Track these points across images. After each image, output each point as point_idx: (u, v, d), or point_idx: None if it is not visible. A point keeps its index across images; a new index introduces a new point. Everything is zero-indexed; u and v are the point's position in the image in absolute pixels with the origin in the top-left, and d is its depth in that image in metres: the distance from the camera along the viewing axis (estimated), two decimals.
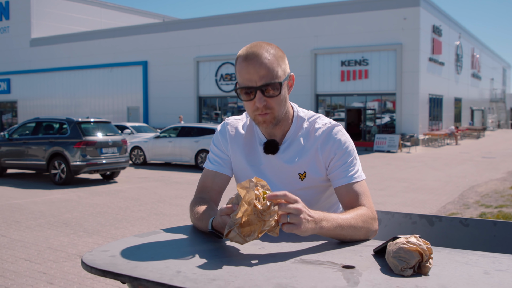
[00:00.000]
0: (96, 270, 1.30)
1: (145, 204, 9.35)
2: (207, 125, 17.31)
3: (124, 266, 1.30)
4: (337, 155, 1.80)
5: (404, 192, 10.86)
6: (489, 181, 12.52)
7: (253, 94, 1.71)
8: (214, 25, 31.29)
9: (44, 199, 9.92)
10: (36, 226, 7.32)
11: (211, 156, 1.98)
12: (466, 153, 22.24)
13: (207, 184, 1.93)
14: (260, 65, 1.68)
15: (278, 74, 1.71)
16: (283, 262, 1.35)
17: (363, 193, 1.76)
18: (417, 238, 1.32)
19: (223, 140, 1.96)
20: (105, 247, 1.49)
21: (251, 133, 1.93)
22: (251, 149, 1.91)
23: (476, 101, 45.66)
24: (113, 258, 1.38)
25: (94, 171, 12.35)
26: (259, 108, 1.72)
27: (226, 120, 2.01)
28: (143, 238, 1.61)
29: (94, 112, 35.61)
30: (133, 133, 20.79)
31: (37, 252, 5.91)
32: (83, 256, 1.40)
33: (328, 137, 1.82)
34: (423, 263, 1.28)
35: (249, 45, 1.75)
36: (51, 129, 12.97)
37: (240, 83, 1.73)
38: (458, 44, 34.89)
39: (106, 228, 7.27)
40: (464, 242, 2.05)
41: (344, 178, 1.78)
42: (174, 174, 14.63)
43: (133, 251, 1.45)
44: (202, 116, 32.42)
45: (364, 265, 1.34)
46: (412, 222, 2.18)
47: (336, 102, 28.44)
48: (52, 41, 38.88)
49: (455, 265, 1.34)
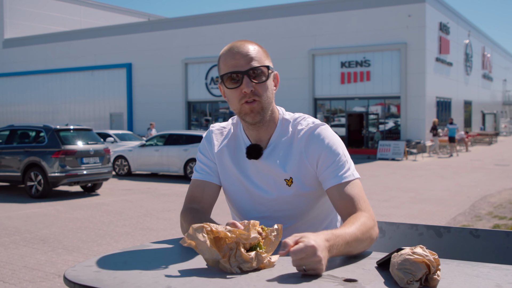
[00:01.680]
0: (80, 286, 1.31)
1: (130, 218, 9.34)
2: (197, 132, 17.33)
3: (110, 282, 1.31)
4: (322, 154, 1.81)
5: (410, 203, 10.90)
6: (503, 191, 12.58)
7: (240, 81, 1.77)
8: (204, 25, 31.37)
9: (19, 213, 9.88)
10: (10, 243, 7.30)
11: (198, 165, 2.01)
12: (478, 160, 22.34)
13: (197, 194, 1.95)
14: (247, 51, 1.79)
15: (265, 62, 1.81)
16: (281, 277, 1.36)
17: (358, 195, 1.76)
18: (423, 249, 1.34)
19: (209, 147, 2.00)
20: (89, 262, 1.50)
21: (237, 138, 1.97)
22: (237, 154, 1.94)
23: (487, 104, 45.91)
24: (98, 273, 1.39)
25: (74, 183, 12.33)
26: (246, 94, 1.76)
27: (211, 127, 2.06)
28: (129, 252, 1.63)
29: (73, 119, 35.54)
30: (116, 141, 20.77)
31: (12, 271, 5.89)
32: (66, 272, 1.41)
33: (311, 137, 1.84)
34: (431, 276, 1.30)
35: (231, 42, 1.85)
36: (27, 138, 12.95)
37: (225, 71, 1.79)
38: (467, 43, 35.13)
39: (87, 244, 7.26)
40: (474, 255, 2.07)
41: (333, 178, 1.78)
42: (161, 185, 14.62)
43: (119, 266, 1.46)
44: (192, 122, 32.44)
45: (367, 279, 1.36)
46: (419, 234, 2.20)
47: (336, 107, 28.53)
48: (27, 42, 38.86)
49: (465, 277, 1.36)
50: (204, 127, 31.60)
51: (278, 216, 1.90)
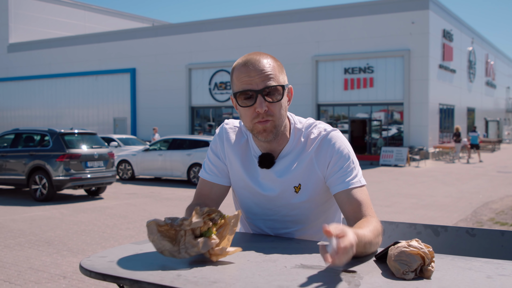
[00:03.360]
0: (96, 274, 1.40)
1: (134, 221, 9.42)
2: (200, 137, 17.41)
3: (124, 270, 1.41)
4: (333, 159, 1.83)
5: (412, 209, 10.96)
6: (505, 197, 12.62)
7: (253, 99, 1.74)
8: (208, 30, 31.49)
9: (24, 216, 9.96)
10: (16, 245, 7.38)
11: (207, 164, 2.01)
12: (480, 167, 22.36)
13: (204, 192, 1.99)
14: (262, 68, 1.75)
15: (280, 80, 1.78)
16: (284, 267, 1.45)
17: (365, 201, 1.79)
18: (418, 242, 1.43)
19: (221, 144, 1.99)
20: (103, 253, 1.59)
21: (248, 143, 1.97)
22: (247, 159, 1.95)
23: (490, 111, 45.90)
24: (111, 263, 1.48)
25: (78, 186, 12.38)
26: (259, 114, 1.74)
27: (225, 124, 2.04)
28: (140, 245, 1.71)
29: (77, 124, 35.65)
30: (120, 145, 20.87)
31: (17, 272, 5.96)
32: (81, 261, 1.50)
33: (323, 143, 1.85)
34: (425, 267, 1.39)
35: (246, 54, 1.82)
36: (32, 141, 13.03)
37: (238, 89, 1.77)
38: (470, 50, 35.17)
39: (92, 247, 7.34)
40: (470, 252, 2.14)
41: (342, 183, 1.80)
42: (165, 189, 14.69)
43: (131, 257, 1.56)
44: (195, 127, 32.51)
45: (365, 270, 1.44)
46: (417, 232, 2.28)
47: (339, 113, 28.58)
48: (32, 46, 39.03)
49: (458, 270, 1.45)
50: (207, 132, 31.67)
51: (286, 220, 1.94)
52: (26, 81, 39.11)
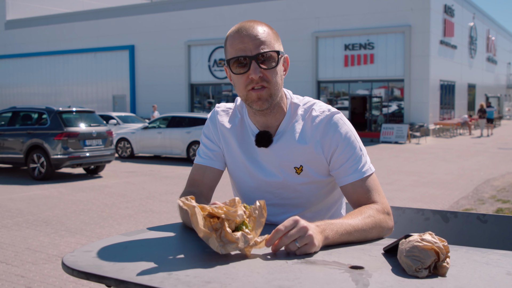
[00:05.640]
0: (78, 273, 1.28)
1: (133, 200, 9.34)
2: (200, 115, 17.28)
3: (110, 268, 1.28)
4: (339, 147, 1.75)
5: (413, 186, 10.88)
6: (506, 174, 12.55)
7: (247, 65, 1.67)
8: (207, 6, 31.16)
9: (22, 195, 9.89)
10: (13, 225, 7.30)
11: (202, 149, 1.95)
12: (481, 144, 22.28)
13: (197, 178, 1.91)
14: (256, 34, 1.68)
15: (275, 47, 1.71)
16: (285, 263, 1.33)
17: (374, 188, 1.72)
18: (432, 235, 1.30)
19: (214, 129, 1.93)
20: (88, 247, 1.47)
21: (243, 123, 1.89)
22: (244, 140, 1.87)
23: (491, 87, 45.70)
24: (97, 259, 1.36)
25: (76, 165, 12.32)
26: (253, 80, 1.67)
27: (216, 107, 1.97)
28: (129, 237, 1.59)
29: (76, 101, 35.47)
30: (119, 123, 20.74)
31: (14, 253, 5.89)
32: (64, 257, 1.38)
33: (328, 127, 1.76)
34: (440, 263, 1.26)
35: (240, 22, 1.75)
36: (29, 120, 12.92)
37: (231, 55, 1.70)
38: (472, 26, 34.86)
39: (90, 226, 7.26)
40: (482, 240, 2.04)
41: (351, 175, 1.73)
42: (164, 168, 14.61)
43: (119, 252, 1.43)
44: (194, 105, 32.37)
45: (374, 266, 1.32)
46: (425, 219, 2.17)
47: (339, 89, 28.42)
48: (30, 23, 38.66)
49: (474, 265, 1.33)
50: (207, 109, 31.54)
51: (285, 204, 1.86)
52: (24, 58, 38.84)
